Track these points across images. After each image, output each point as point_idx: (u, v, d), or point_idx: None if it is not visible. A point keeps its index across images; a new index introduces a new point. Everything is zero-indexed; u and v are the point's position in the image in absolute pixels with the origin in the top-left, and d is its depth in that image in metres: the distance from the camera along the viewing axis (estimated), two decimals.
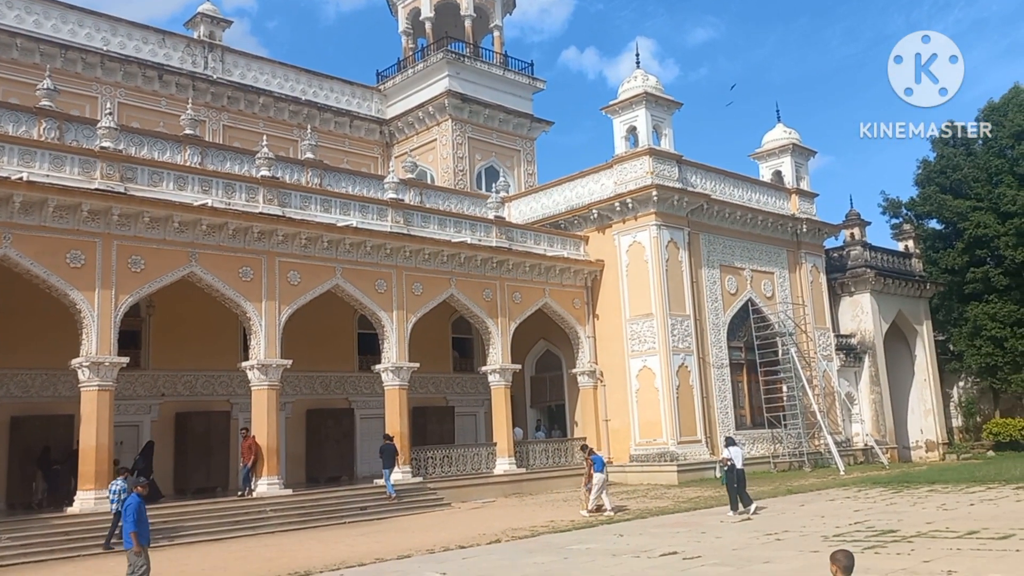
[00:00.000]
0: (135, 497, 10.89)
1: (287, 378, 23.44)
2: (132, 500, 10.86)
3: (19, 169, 18.25)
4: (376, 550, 15.30)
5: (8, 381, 21.47)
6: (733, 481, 17.82)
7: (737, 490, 17.75)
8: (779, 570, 11.20)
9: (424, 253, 25.27)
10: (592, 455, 20.54)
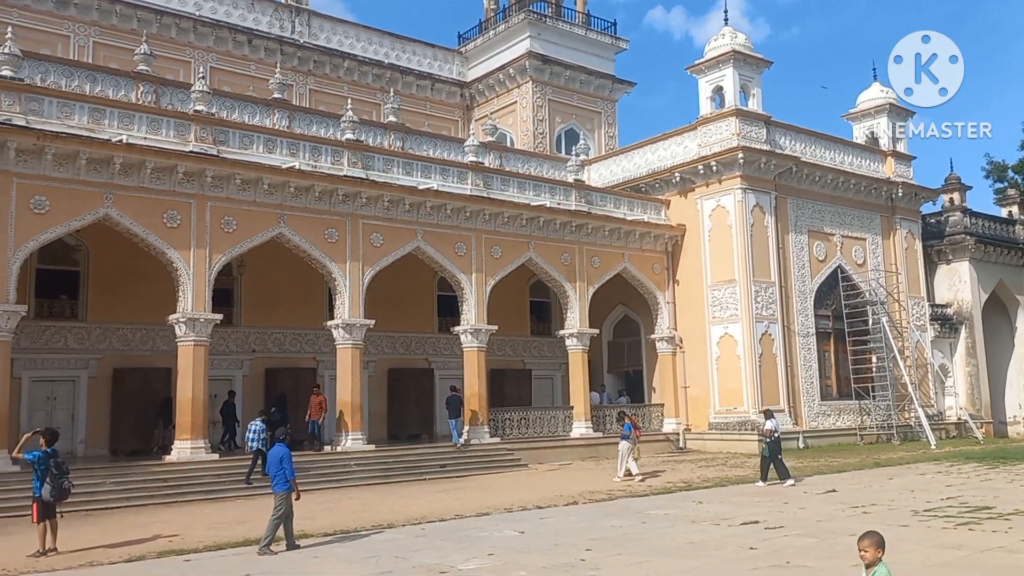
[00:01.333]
0: (285, 447, 11.72)
1: (370, 338, 23.97)
2: (285, 450, 11.69)
3: (119, 132, 18.99)
4: (455, 507, 15.63)
5: (111, 335, 22.61)
6: (778, 452, 18.06)
7: (771, 460, 17.98)
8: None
9: (503, 216, 25.32)
10: (623, 423, 20.74)
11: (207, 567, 10.42)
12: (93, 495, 16.89)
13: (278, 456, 11.71)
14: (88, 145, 18.23)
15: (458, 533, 12.61)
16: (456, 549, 11.21)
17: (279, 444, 11.91)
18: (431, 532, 12.84)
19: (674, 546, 11.08)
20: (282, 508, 11.41)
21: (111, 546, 12.24)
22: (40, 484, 11.59)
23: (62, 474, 11.75)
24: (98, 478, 17.80)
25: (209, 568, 10.34)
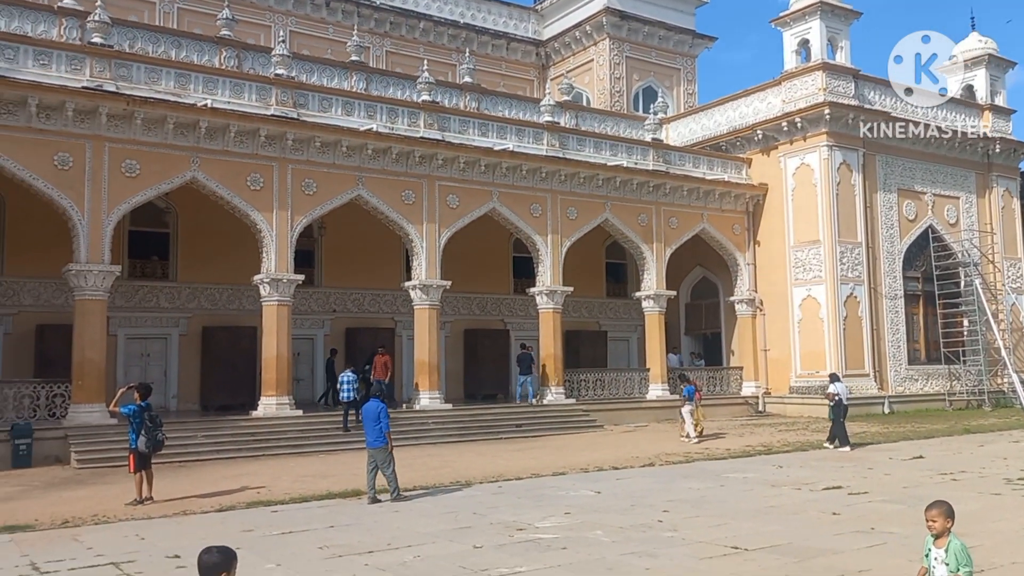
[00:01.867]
0: (382, 402, 12.26)
1: (446, 299, 24.20)
2: (383, 405, 12.23)
3: (204, 96, 19.45)
4: (532, 466, 15.77)
5: (199, 295, 23.44)
6: (840, 416, 18.03)
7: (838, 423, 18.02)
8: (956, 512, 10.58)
9: (579, 177, 25.07)
10: (685, 386, 21.07)
11: (293, 518, 10.78)
12: (186, 447, 17.66)
13: (376, 411, 12.13)
14: (175, 109, 18.74)
15: (535, 492, 12.73)
16: (533, 507, 11.32)
17: (375, 399, 12.30)
18: (508, 490, 13.00)
19: (754, 509, 10.93)
20: (389, 459, 12.01)
21: (203, 496, 12.79)
22: (136, 436, 12.17)
23: (156, 427, 12.31)
24: (190, 431, 18.59)
25: (295, 519, 10.70)
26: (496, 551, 8.60)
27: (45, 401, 17.84)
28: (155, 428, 12.30)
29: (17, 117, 17.27)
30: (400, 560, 8.26)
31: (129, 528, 10.36)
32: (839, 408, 18.07)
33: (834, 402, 18.17)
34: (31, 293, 21.14)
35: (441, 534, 9.52)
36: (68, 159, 17.81)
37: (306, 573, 7.82)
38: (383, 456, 12.03)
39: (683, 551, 8.45)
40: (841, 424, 18.03)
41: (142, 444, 12.15)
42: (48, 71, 17.75)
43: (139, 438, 12.15)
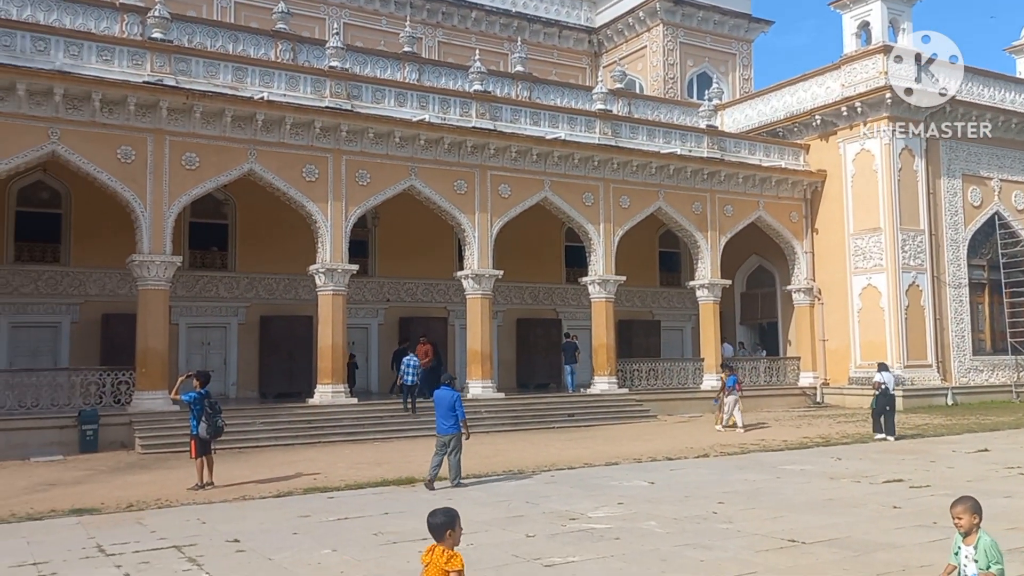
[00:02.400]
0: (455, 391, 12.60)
1: (498, 288, 24.26)
2: (456, 394, 12.57)
3: (260, 90, 19.77)
4: (584, 455, 15.74)
5: (257, 284, 23.90)
6: (885, 405, 18.11)
7: (881, 413, 18.10)
8: (1022, 507, 10.26)
9: (632, 165, 24.85)
10: (729, 375, 21.24)
11: (348, 505, 10.94)
12: (245, 434, 18.06)
13: (451, 399, 12.37)
14: (232, 103, 19.09)
15: (587, 481, 12.70)
16: (585, 497, 11.29)
17: (446, 388, 12.56)
18: (560, 479, 12.99)
19: (811, 502, 10.73)
20: (460, 446, 12.35)
21: (261, 481, 13.06)
22: (196, 423, 12.47)
23: (215, 413, 12.59)
24: (249, 418, 19.00)
25: (350, 505, 10.86)
26: (549, 540, 8.61)
27: (111, 388, 18.40)
28: (215, 415, 12.57)
29: (82, 112, 17.79)
30: None
31: (191, 512, 10.63)
32: (885, 398, 18.15)
33: (880, 391, 18.23)
34: (97, 283, 21.81)
35: (494, 522, 9.56)
36: (131, 153, 18.28)
37: (361, 558, 7.92)
38: (456, 442, 12.31)
39: (738, 543, 8.34)
40: (889, 414, 18.13)
41: (202, 430, 12.43)
42: (111, 67, 18.23)
43: (199, 424, 12.44)
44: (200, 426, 12.43)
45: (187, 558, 8.04)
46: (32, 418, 17.10)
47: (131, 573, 7.47)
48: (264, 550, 8.32)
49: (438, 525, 4.84)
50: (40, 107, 17.41)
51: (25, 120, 17.31)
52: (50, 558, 8.06)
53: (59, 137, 17.63)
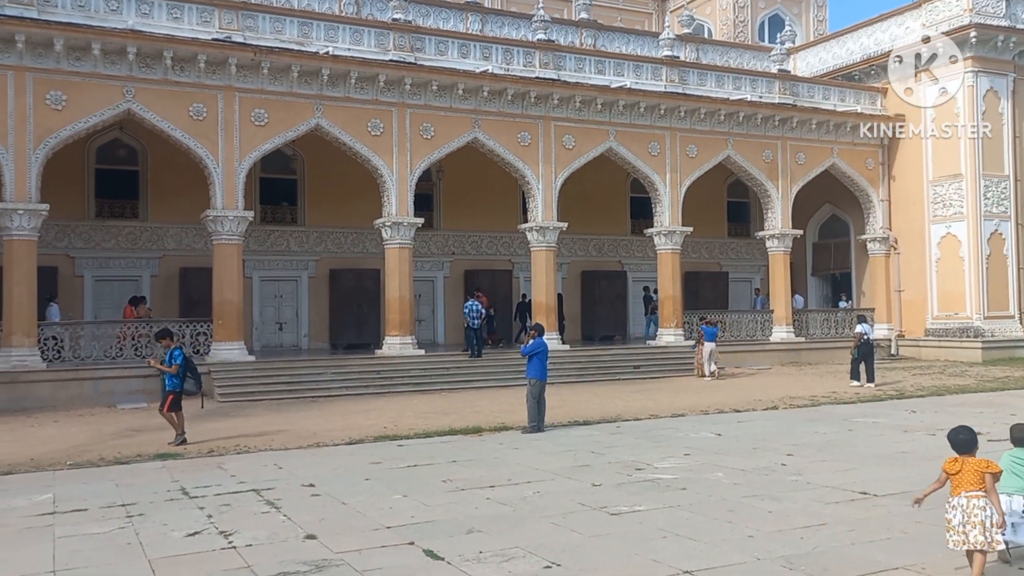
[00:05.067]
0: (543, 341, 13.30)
1: (563, 240, 24.18)
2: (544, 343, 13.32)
3: (325, 44, 19.87)
4: (650, 407, 15.73)
5: (326, 238, 24.33)
6: (865, 354, 19.22)
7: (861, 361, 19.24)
8: None
9: (699, 113, 24.26)
10: (704, 327, 21.98)
11: (417, 452, 11.20)
12: (317, 384, 18.61)
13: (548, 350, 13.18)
14: (299, 58, 19.25)
15: (653, 433, 12.71)
16: (651, 448, 11.31)
17: (541, 338, 13.19)
18: (626, 430, 13.03)
19: (883, 455, 10.54)
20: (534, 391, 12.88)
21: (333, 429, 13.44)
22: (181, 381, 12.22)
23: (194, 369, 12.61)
24: (320, 368, 19.52)
25: (419, 453, 11.11)
26: (615, 489, 8.68)
27: (190, 339, 19.07)
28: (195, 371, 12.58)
29: (154, 70, 18.18)
30: (520, 495, 8.46)
31: (268, 458, 11.03)
32: (865, 347, 19.26)
33: (861, 341, 19.29)
34: (174, 238, 22.50)
35: (560, 471, 9.67)
36: (203, 110, 18.66)
37: (431, 504, 8.12)
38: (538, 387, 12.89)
39: (808, 495, 8.26)
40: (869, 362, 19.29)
41: (190, 385, 12.37)
42: (180, 24, 18.53)
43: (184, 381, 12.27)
44: (187, 382, 12.32)
45: (265, 501, 8.36)
46: (117, 367, 17.90)
47: (213, 515, 7.81)
48: (338, 494, 8.60)
49: (962, 442, 5.53)
50: (114, 66, 17.86)
51: (101, 79, 17.80)
52: (137, 500, 8.49)
53: (133, 95, 18.08)
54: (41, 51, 17.21)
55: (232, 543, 6.83)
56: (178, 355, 12.29)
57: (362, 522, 7.49)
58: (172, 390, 12.19)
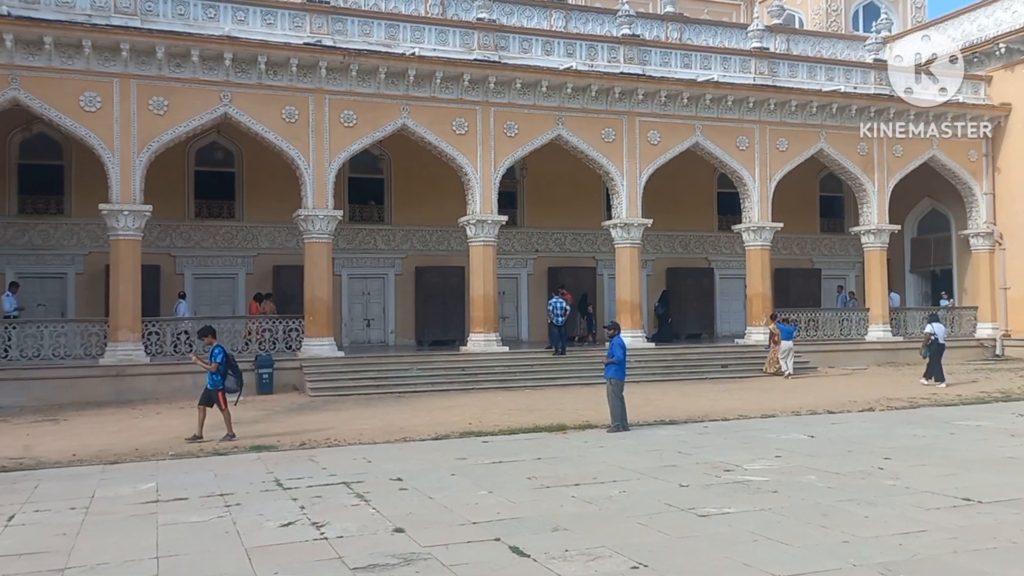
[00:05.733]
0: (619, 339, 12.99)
1: (647, 237, 23.92)
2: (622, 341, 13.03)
3: (412, 45, 20.17)
4: (738, 407, 15.40)
5: (412, 236, 24.72)
6: (936, 354, 18.92)
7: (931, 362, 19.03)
8: None
9: (790, 105, 23.60)
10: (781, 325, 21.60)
11: (502, 449, 11.25)
12: (403, 380, 18.94)
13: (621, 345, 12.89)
14: (386, 59, 19.60)
15: (742, 433, 12.44)
16: (740, 448, 11.07)
17: (619, 336, 13.00)
18: (713, 430, 12.79)
19: (988, 459, 10.03)
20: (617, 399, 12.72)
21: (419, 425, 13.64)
22: (222, 378, 12.44)
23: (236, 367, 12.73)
24: (406, 364, 19.86)
25: (504, 450, 11.16)
26: (703, 491, 8.52)
27: (283, 335, 19.70)
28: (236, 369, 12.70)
29: (249, 75, 18.81)
30: (606, 494, 8.40)
31: (357, 451, 11.28)
32: (936, 347, 18.88)
33: (930, 341, 18.97)
34: (268, 237, 23.24)
35: (646, 471, 9.56)
36: (294, 112, 19.21)
37: (516, 501, 8.15)
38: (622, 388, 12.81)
39: (906, 500, 7.93)
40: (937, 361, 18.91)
41: (231, 383, 12.51)
42: (273, 30, 19.11)
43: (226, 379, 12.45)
44: (228, 380, 12.49)
45: (355, 494, 8.55)
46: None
47: (306, 506, 8.03)
48: (424, 489, 8.71)
49: None
50: (212, 72, 18.56)
51: (199, 85, 18.53)
52: (234, 490, 8.80)
53: (230, 99, 18.76)
54: (144, 59, 18.02)
55: (324, 534, 7.01)
56: (218, 352, 12.49)
57: (449, 517, 7.57)
58: (212, 387, 12.43)
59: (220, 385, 12.42)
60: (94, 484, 9.29)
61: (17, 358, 17.67)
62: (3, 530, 7.36)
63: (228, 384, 12.47)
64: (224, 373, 12.43)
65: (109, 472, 10.11)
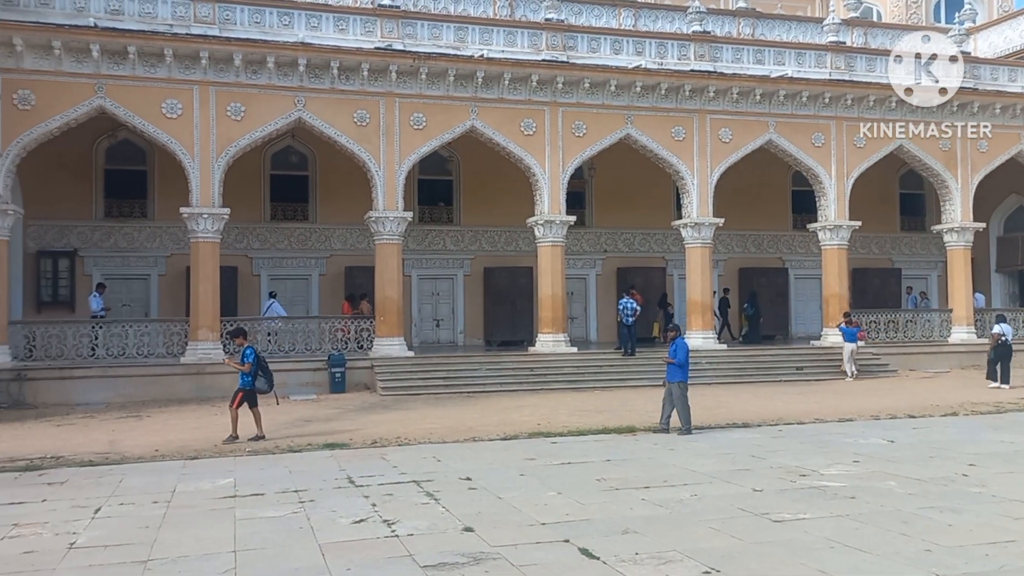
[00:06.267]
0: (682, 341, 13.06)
1: (719, 236, 23.55)
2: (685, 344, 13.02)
3: (480, 47, 20.26)
4: (814, 410, 15.02)
5: (480, 237, 24.85)
6: (1002, 355, 18.74)
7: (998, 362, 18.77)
8: None
9: (868, 101, 22.91)
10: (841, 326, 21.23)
11: (571, 450, 11.21)
12: (472, 379, 19.07)
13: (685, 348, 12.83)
14: (454, 62, 19.75)
15: (818, 437, 12.12)
16: (816, 453, 10.79)
17: (681, 338, 13.00)
18: (788, 434, 12.50)
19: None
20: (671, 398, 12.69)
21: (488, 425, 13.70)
22: (252, 379, 12.56)
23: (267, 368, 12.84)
24: (475, 364, 19.98)
25: (573, 451, 11.12)
26: (777, 496, 8.33)
27: (354, 335, 20.04)
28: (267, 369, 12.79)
29: (322, 80, 19.20)
30: (677, 497, 8.28)
31: (427, 450, 11.39)
32: (1003, 348, 18.73)
33: (999, 342, 18.80)
34: (340, 238, 23.68)
35: (718, 475, 9.40)
36: (365, 116, 19.52)
37: (585, 503, 8.10)
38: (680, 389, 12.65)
39: (992, 509, 7.61)
40: (1005, 363, 18.70)
41: (261, 384, 12.63)
42: (345, 35, 19.46)
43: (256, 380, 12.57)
44: (258, 381, 12.60)
45: (425, 492, 8.63)
46: (290, 361, 19.06)
47: (377, 504, 8.14)
48: (494, 488, 8.74)
49: None
50: (287, 77, 19.00)
51: (275, 90, 18.99)
52: (308, 487, 8.99)
53: (304, 104, 19.18)
54: (222, 66, 18.56)
55: (395, 531, 7.10)
56: (250, 353, 12.64)
57: (518, 517, 7.57)
58: (243, 387, 12.55)
59: (250, 385, 12.56)
60: (175, 479, 9.61)
61: (104, 356, 18.42)
62: (91, 522, 7.67)
63: (259, 385, 12.62)
64: (255, 374, 12.58)
65: (189, 467, 10.45)
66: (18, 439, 12.93)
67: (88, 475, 9.96)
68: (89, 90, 17.87)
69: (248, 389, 12.55)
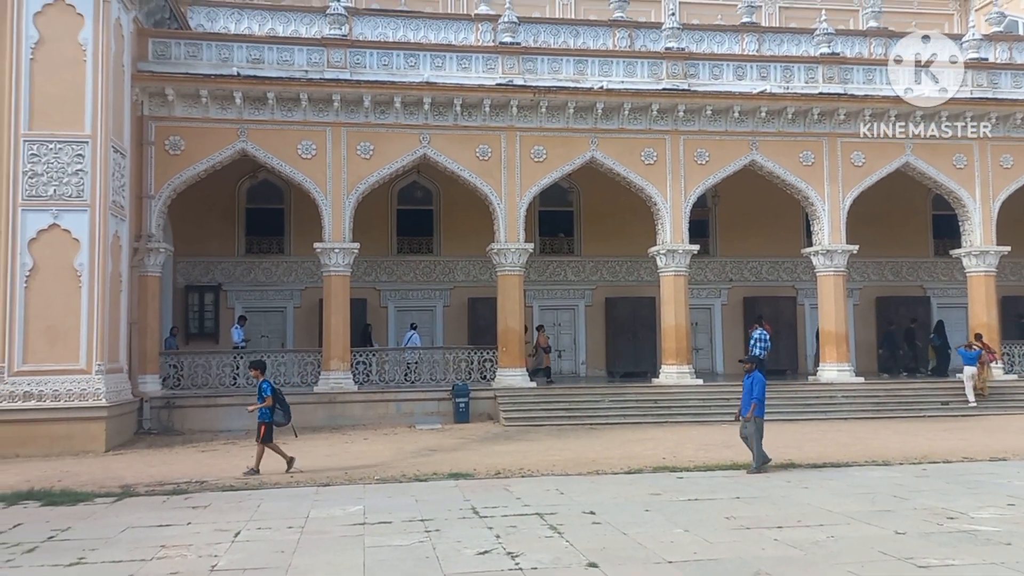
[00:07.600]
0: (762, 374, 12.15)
1: (853, 264, 22.56)
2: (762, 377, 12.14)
3: (600, 79, 20.35)
4: (961, 448, 14.04)
5: (601, 267, 24.78)
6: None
7: None
8: None
9: (1015, 118, 21.53)
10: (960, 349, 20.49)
11: (698, 485, 10.90)
12: (595, 411, 18.90)
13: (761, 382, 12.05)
14: (574, 95, 19.91)
15: (966, 477, 11.30)
16: (965, 494, 10.05)
17: (758, 372, 12.16)
18: (933, 473, 11.72)
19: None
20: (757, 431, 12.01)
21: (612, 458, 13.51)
22: (271, 412, 12.48)
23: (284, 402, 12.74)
24: (598, 396, 19.82)
25: (700, 487, 10.81)
26: (922, 539, 7.81)
27: (477, 365, 20.32)
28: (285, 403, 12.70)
29: (446, 117, 19.77)
30: (812, 539, 7.90)
31: (550, 482, 11.35)
32: None
33: None
34: (463, 270, 24.16)
35: (856, 515, 8.90)
36: (487, 150, 19.94)
37: (713, 541, 7.85)
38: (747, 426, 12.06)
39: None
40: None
41: (280, 417, 12.56)
42: (468, 73, 19.98)
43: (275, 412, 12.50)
44: (275, 413, 12.51)
45: (548, 526, 8.59)
46: (416, 391, 19.52)
47: (501, 535, 8.16)
48: (618, 523, 8.60)
49: None
50: (412, 116, 19.68)
51: (401, 129, 19.69)
52: (434, 516, 9.11)
53: (428, 141, 19.78)
54: (353, 107, 19.42)
55: (519, 564, 7.08)
56: (266, 387, 12.59)
57: (643, 554, 7.41)
58: (262, 421, 12.53)
59: (268, 418, 12.53)
60: (308, 505, 9.96)
61: (244, 385, 19.40)
62: (231, 545, 8.05)
63: (276, 418, 12.59)
64: (273, 407, 12.56)
65: (322, 493, 10.82)
66: (167, 464, 13.76)
67: (229, 499, 10.47)
68: (232, 135, 19.07)
69: (268, 422, 12.55)
